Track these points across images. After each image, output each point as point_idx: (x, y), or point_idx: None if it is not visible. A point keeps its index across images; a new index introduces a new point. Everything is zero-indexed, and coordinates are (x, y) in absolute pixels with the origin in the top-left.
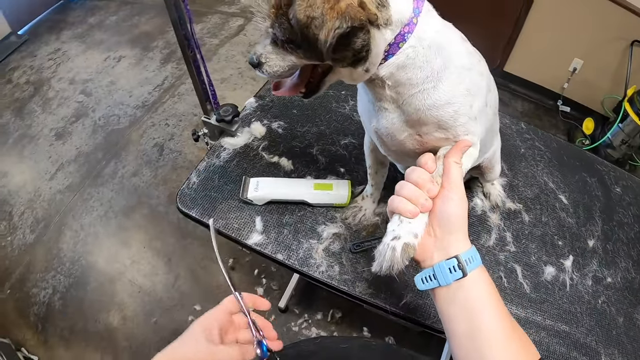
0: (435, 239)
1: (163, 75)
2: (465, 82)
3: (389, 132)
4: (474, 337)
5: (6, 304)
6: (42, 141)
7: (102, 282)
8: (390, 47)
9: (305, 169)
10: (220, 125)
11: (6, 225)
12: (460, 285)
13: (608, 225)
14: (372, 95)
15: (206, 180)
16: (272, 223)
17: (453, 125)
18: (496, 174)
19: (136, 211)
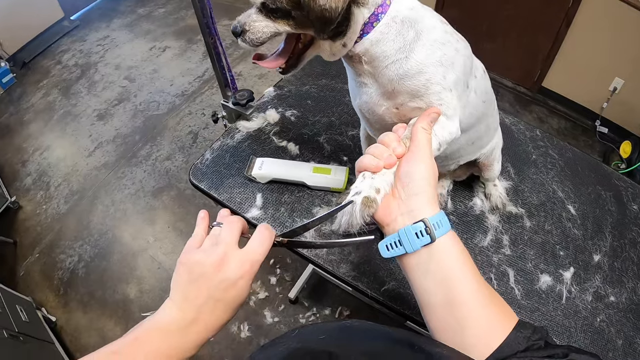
0: (400, 201)
1: (204, 68)
2: (437, 54)
3: (369, 107)
4: (451, 307)
5: (33, 267)
6: (84, 120)
7: (125, 256)
8: (365, 26)
9: (310, 155)
10: (236, 108)
11: (43, 194)
12: (431, 253)
13: (618, 242)
14: (352, 72)
15: (218, 157)
16: (272, 200)
17: (426, 93)
18: (495, 173)
19: (165, 193)
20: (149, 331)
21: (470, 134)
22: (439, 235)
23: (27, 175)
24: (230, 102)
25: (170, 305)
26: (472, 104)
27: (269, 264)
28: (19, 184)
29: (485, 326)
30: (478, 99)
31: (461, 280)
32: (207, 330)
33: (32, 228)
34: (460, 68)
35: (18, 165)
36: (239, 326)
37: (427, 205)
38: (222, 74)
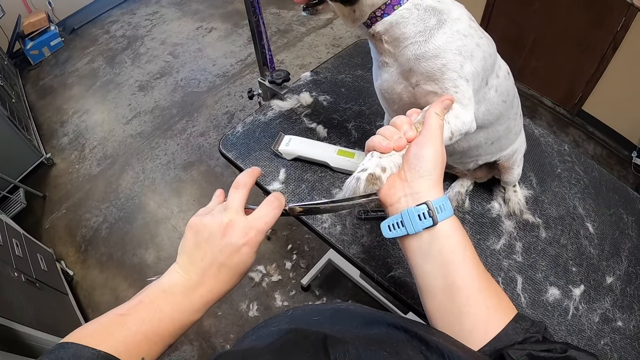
0: (405, 182)
1: (247, 52)
2: (457, 43)
3: (388, 86)
4: (450, 292)
5: (59, 221)
6: (125, 89)
7: (148, 222)
8: (386, 6)
9: (337, 139)
10: (271, 87)
11: (77, 155)
12: (433, 237)
13: (634, 269)
14: (375, 50)
15: (249, 131)
16: (294, 177)
17: (441, 78)
18: (514, 177)
19: (195, 167)
20: (154, 294)
21: (489, 132)
22: (442, 219)
23: (64, 135)
24: (266, 80)
25: (176, 268)
26: (491, 101)
27: (287, 249)
28: (55, 142)
29: (483, 313)
30: (498, 98)
31: (462, 266)
32: (212, 294)
33: (63, 185)
34: (479, 62)
35: (57, 124)
36: (248, 305)
37: (432, 188)
38: (262, 52)
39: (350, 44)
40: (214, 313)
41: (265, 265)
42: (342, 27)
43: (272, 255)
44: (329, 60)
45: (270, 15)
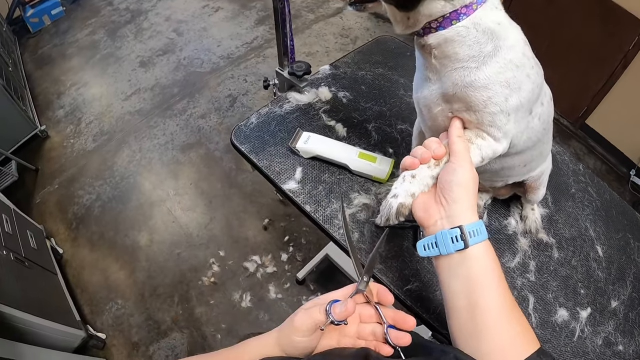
0: (441, 206)
1: (254, 35)
2: (507, 75)
3: (426, 103)
4: (473, 313)
5: (50, 197)
6: (126, 64)
7: (143, 203)
8: (444, 19)
9: (357, 140)
10: (290, 78)
11: (73, 129)
12: (463, 258)
13: (637, 294)
14: (422, 61)
15: (264, 123)
16: (311, 177)
17: (482, 110)
18: (539, 197)
19: (193, 150)
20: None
21: (524, 156)
22: (473, 243)
23: (60, 107)
24: (285, 71)
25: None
26: (533, 129)
27: (283, 240)
28: (50, 114)
29: (503, 340)
30: (540, 126)
31: (487, 289)
32: None
33: (56, 159)
34: (527, 94)
35: (53, 96)
36: (241, 295)
37: (466, 212)
38: (284, 41)
39: (359, 36)
40: (206, 301)
41: (261, 256)
42: (352, 18)
43: (268, 245)
44: (348, 54)
45: None
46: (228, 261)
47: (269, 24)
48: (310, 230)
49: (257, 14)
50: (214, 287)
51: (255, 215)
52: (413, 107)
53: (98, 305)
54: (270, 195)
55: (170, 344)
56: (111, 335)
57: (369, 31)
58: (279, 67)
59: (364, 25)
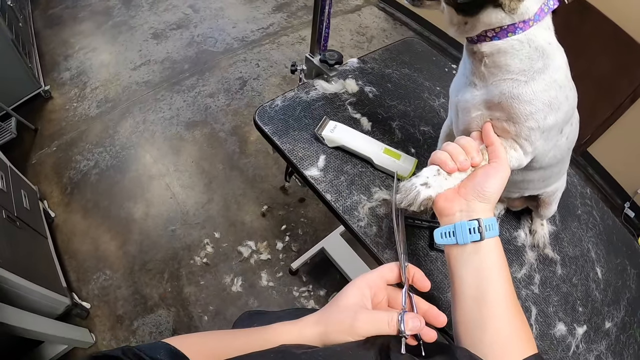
0: (464, 200)
1: (270, 21)
2: (551, 94)
3: (467, 106)
4: (479, 303)
5: (48, 159)
6: (138, 34)
7: (141, 175)
8: (501, 30)
9: (381, 136)
10: (320, 66)
11: (77, 92)
12: (476, 249)
13: (629, 318)
14: (469, 66)
15: (289, 107)
16: (333, 166)
17: (522, 123)
18: (550, 213)
19: (198, 128)
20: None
21: (545, 172)
22: (488, 236)
23: (67, 69)
24: (317, 58)
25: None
26: (560, 148)
27: (280, 228)
28: (56, 75)
29: (505, 332)
30: (566, 145)
31: (495, 281)
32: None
33: (57, 121)
34: (562, 115)
35: (60, 57)
36: (233, 279)
37: (486, 210)
38: (319, 28)
39: (375, 36)
40: (196, 281)
41: (256, 242)
42: (370, 16)
43: (265, 232)
44: (376, 51)
45: None
46: (222, 243)
47: (287, 11)
48: (308, 221)
49: (276, 1)
50: (205, 268)
51: (254, 200)
52: (436, 111)
53: (85, 274)
54: (271, 182)
55: (155, 320)
56: (96, 306)
57: (385, 32)
58: (310, 53)
59: (381, 25)
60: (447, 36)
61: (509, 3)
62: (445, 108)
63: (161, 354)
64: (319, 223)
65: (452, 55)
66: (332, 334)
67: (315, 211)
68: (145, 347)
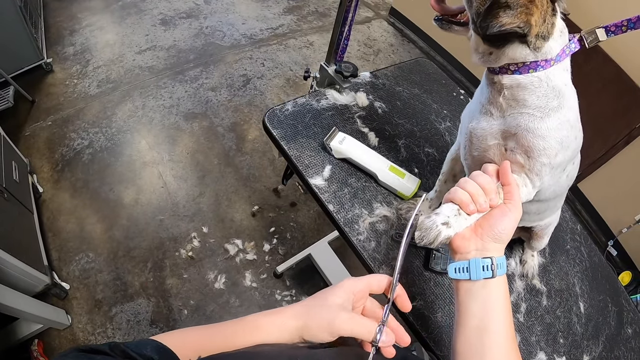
0: (480, 240)
1: (280, 22)
2: (563, 133)
3: (483, 134)
4: (481, 335)
5: (42, 132)
6: (147, 18)
7: (135, 161)
8: (524, 65)
9: (386, 152)
10: (334, 76)
11: (79, 69)
12: (485, 284)
13: (607, 354)
14: (487, 95)
15: (299, 113)
16: (338, 178)
17: (535, 157)
18: (541, 245)
19: (197, 120)
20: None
21: (541, 205)
22: (499, 274)
23: (71, 45)
24: (331, 68)
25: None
26: (559, 184)
27: (269, 230)
28: (60, 48)
29: None
30: (566, 182)
31: (500, 314)
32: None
33: (55, 96)
34: (570, 154)
35: (66, 31)
36: (216, 275)
37: (499, 249)
38: (338, 38)
39: (381, 49)
40: (179, 274)
41: (243, 241)
42: (379, 29)
43: (253, 232)
44: (388, 67)
45: None
46: (210, 239)
47: (298, 15)
48: (297, 226)
49: (288, 2)
50: (190, 262)
51: (246, 199)
52: (442, 134)
53: (67, 254)
54: (264, 182)
55: (134, 309)
56: (75, 288)
57: (392, 47)
58: (325, 62)
59: (389, 40)
60: (453, 58)
61: (535, 41)
62: (450, 132)
63: (148, 349)
64: (308, 229)
65: (456, 78)
66: (313, 329)
67: (306, 217)
68: (131, 344)
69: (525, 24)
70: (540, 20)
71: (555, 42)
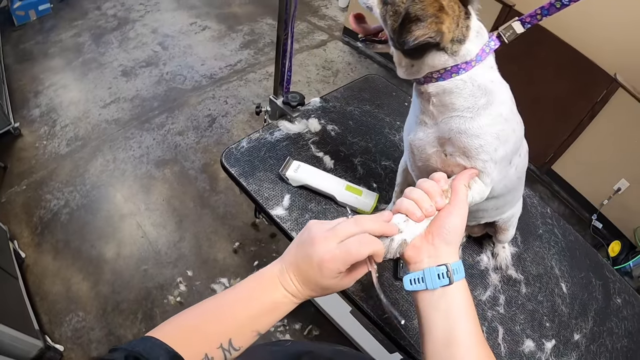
0: (431, 246)
1: (238, 58)
2: (498, 127)
3: (421, 144)
4: (448, 344)
5: (17, 198)
6: (108, 72)
7: (112, 215)
8: (445, 72)
9: (343, 173)
10: (283, 107)
11: (47, 130)
12: (444, 292)
13: (598, 328)
14: (418, 106)
15: (254, 149)
16: (298, 205)
17: (475, 157)
18: (508, 238)
19: (168, 166)
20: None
21: (498, 201)
22: (456, 280)
23: (36, 106)
24: (279, 100)
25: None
26: (509, 178)
27: (253, 264)
28: (25, 112)
29: None
30: (515, 175)
31: (463, 322)
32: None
33: (27, 159)
34: (511, 146)
35: (30, 94)
36: None
37: (452, 253)
38: (282, 71)
39: (340, 70)
40: None
41: (229, 279)
42: (335, 50)
43: (237, 269)
44: (338, 89)
45: (266, 26)
46: (195, 282)
47: (254, 48)
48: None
49: (243, 38)
50: (179, 307)
51: (226, 237)
52: (397, 145)
53: (57, 316)
54: (242, 218)
55: None
56: (69, 349)
57: (350, 65)
58: (273, 95)
59: (346, 59)
60: None
61: (452, 46)
62: None
63: (162, 356)
64: None
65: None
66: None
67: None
68: (142, 349)
69: (437, 33)
70: (453, 25)
71: (472, 43)
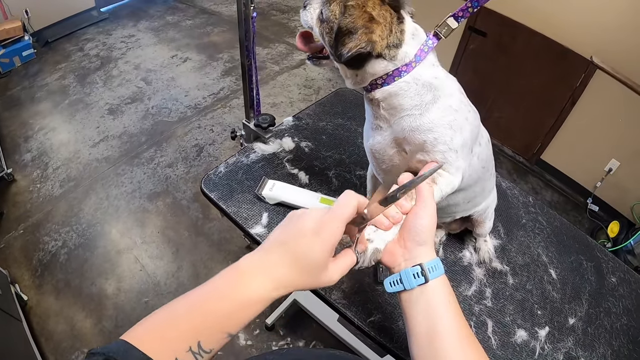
0: (405, 250)
1: (221, 86)
2: (449, 118)
3: (380, 147)
4: (431, 339)
5: (15, 242)
6: (94, 111)
7: (109, 251)
8: (388, 77)
9: (319, 186)
10: (256, 130)
11: (39, 173)
12: (422, 290)
13: (594, 310)
14: (371, 113)
15: (231, 172)
16: (277, 221)
17: (432, 150)
18: (486, 230)
19: (160, 198)
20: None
21: (467, 193)
22: (433, 277)
23: (28, 151)
24: (252, 123)
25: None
26: (473, 167)
27: None
28: (17, 157)
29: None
30: (479, 164)
31: (443, 317)
32: (267, 276)
33: (22, 204)
34: (468, 134)
35: (20, 139)
36: None
37: (427, 253)
38: (250, 95)
39: (321, 87)
40: None
41: None
42: (314, 70)
43: None
44: (310, 107)
45: None
46: None
47: (236, 74)
48: None
49: (224, 65)
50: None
51: (222, 263)
52: None
53: (63, 355)
54: (237, 243)
55: None
56: None
57: (331, 82)
58: (246, 119)
59: (327, 76)
60: None
61: (388, 52)
62: None
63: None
64: None
65: None
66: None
67: None
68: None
69: (367, 43)
70: (386, 32)
71: (409, 46)
